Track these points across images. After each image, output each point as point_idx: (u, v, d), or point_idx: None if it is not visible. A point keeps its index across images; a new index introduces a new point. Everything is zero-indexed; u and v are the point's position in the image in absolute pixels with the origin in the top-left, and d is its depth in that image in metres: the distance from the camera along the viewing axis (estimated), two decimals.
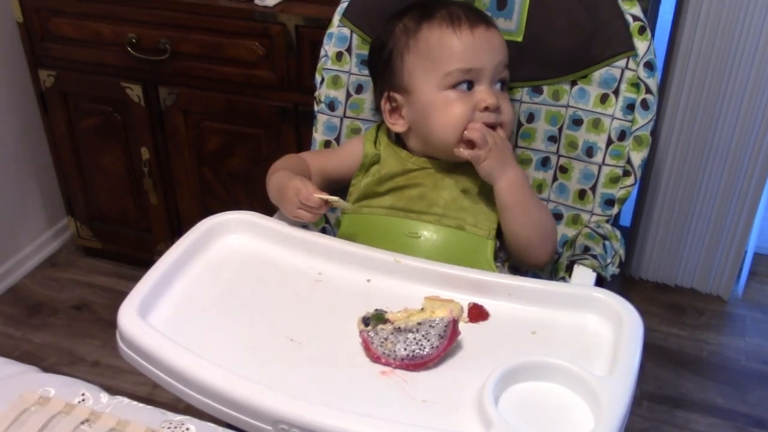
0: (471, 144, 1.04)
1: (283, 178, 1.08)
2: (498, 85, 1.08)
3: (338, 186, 1.19)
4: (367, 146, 1.16)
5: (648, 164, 1.95)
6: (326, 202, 1.03)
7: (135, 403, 0.76)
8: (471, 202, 1.10)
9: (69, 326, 1.98)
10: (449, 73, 1.06)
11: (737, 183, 1.89)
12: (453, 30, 1.06)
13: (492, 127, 1.06)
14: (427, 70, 1.07)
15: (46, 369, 1.63)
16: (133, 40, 1.75)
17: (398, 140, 1.16)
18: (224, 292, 0.97)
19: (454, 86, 1.06)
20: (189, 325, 0.91)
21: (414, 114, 1.10)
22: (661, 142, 1.91)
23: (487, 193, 1.09)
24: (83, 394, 0.77)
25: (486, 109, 1.05)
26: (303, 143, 1.74)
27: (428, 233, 1.09)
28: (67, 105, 1.93)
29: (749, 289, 2.09)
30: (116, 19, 1.76)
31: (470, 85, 1.06)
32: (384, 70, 1.12)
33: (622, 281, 2.12)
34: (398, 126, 1.12)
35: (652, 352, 1.87)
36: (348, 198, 1.15)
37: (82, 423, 0.74)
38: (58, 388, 0.78)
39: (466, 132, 1.04)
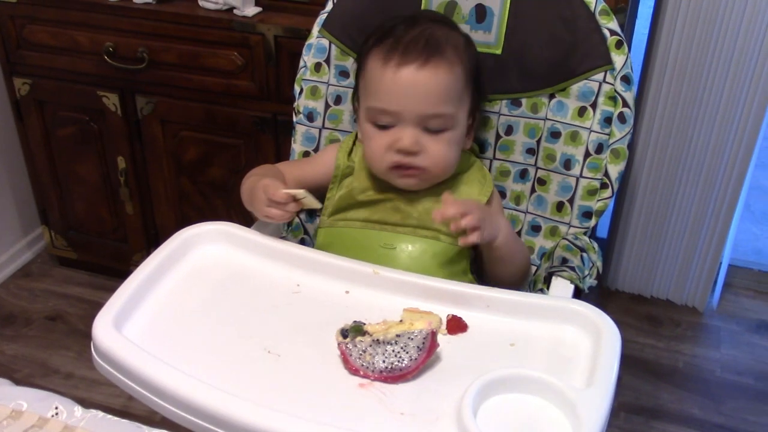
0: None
1: (254, 182, 1.07)
2: (429, 125, 1.04)
3: (316, 195, 1.18)
4: (340, 157, 1.16)
5: (625, 176, 1.96)
6: (294, 198, 1.01)
7: (109, 416, 0.75)
8: None
9: (43, 337, 1.95)
10: (370, 108, 1.06)
11: (712, 195, 1.91)
12: (383, 65, 1.04)
13: (407, 168, 1.05)
14: (363, 96, 1.09)
15: (20, 381, 1.61)
16: (110, 49, 1.74)
17: None
18: (201, 304, 0.96)
19: (374, 122, 1.06)
20: (165, 337, 0.90)
21: None
22: (637, 154, 1.93)
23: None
24: (57, 408, 0.76)
25: (400, 150, 1.04)
26: (282, 153, 1.73)
27: (404, 244, 1.09)
28: (42, 113, 1.91)
29: (724, 301, 2.11)
30: (93, 27, 1.74)
31: (390, 122, 1.05)
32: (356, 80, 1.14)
33: (598, 292, 2.13)
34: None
35: (628, 363, 1.88)
36: (324, 211, 1.15)
37: None
38: (30, 401, 0.76)
39: (462, 222, 0.97)
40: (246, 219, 1.17)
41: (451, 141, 1.06)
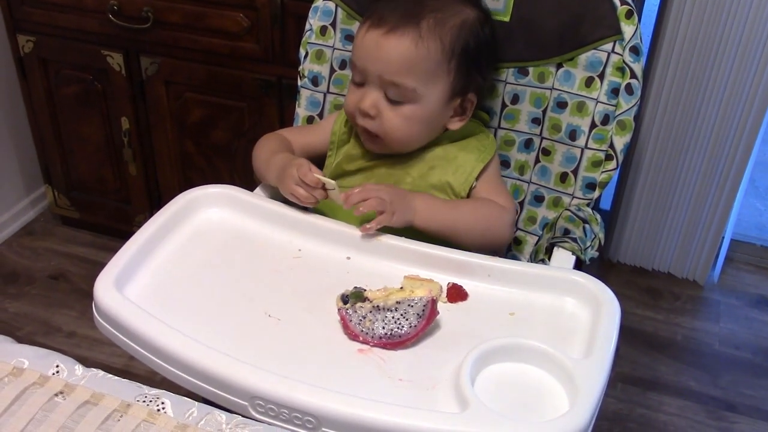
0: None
1: (287, 158, 1.07)
2: (389, 93, 1.03)
3: (320, 161, 1.18)
4: (337, 125, 1.16)
5: (630, 149, 1.95)
6: (323, 186, 1.00)
7: (110, 375, 0.76)
8: (439, 178, 1.09)
9: (45, 296, 1.96)
10: (351, 62, 1.07)
11: (717, 170, 1.90)
12: (363, 23, 1.05)
13: (369, 133, 1.05)
14: None
15: (22, 339, 1.62)
16: (115, 7, 1.72)
17: None
18: (202, 267, 0.97)
19: (352, 76, 1.07)
20: (166, 298, 0.91)
21: None
22: (644, 127, 1.92)
23: (455, 168, 1.09)
24: (57, 366, 0.76)
25: (360, 111, 1.05)
26: (286, 117, 1.72)
27: None
28: (46, 71, 1.90)
29: (725, 275, 2.11)
30: None
31: (361, 80, 1.05)
32: None
33: (600, 264, 2.13)
34: None
35: (627, 334, 1.89)
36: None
37: (56, 395, 0.73)
38: (32, 359, 0.77)
39: (360, 208, 0.98)
40: (249, 183, 1.16)
41: (411, 116, 1.04)
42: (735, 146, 1.85)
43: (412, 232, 1.03)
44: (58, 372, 0.76)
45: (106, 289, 0.87)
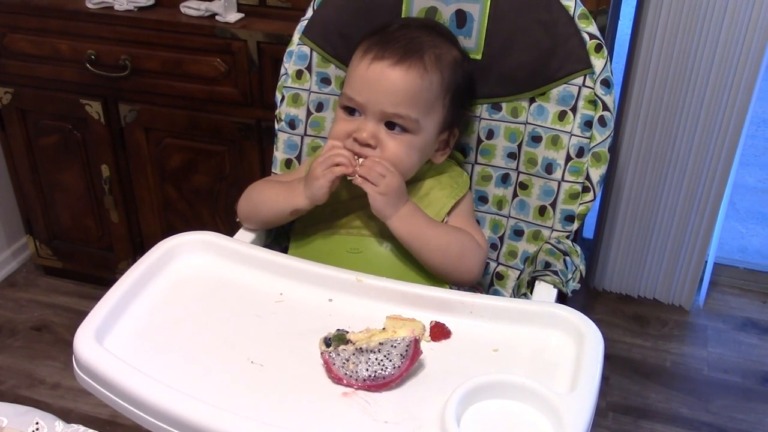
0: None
1: (278, 187, 1.13)
2: (389, 124, 1.05)
3: None
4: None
5: (610, 177, 1.97)
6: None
7: (91, 431, 0.75)
8: None
9: (28, 348, 1.94)
10: (343, 94, 1.09)
11: (697, 195, 1.92)
12: (362, 56, 1.06)
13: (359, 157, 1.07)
14: (344, 82, 1.11)
15: (5, 392, 1.60)
16: (92, 57, 1.73)
17: None
18: (184, 314, 0.96)
19: (345, 107, 1.08)
20: (148, 348, 0.90)
21: None
22: (622, 155, 1.94)
23: (427, 204, 1.10)
24: (37, 423, 0.75)
25: (356, 140, 1.06)
26: (266, 159, 1.73)
27: (370, 248, 1.09)
28: (25, 122, 1.90)
29: (710, 299, 2.12)
30: (74, 35, 1.73)
31: (357, 111, 1.07)
32: None
33: (585, 293, 2.14)
34: None
35: (616, 363, 1.89)
36: (296, 219, 1.15)
37: None
38: (11, 417, 0.76)
39: (358, 169, 1.04)
40: (231, 226, 1.16)
41: (411, 145, 1.06)
42: (713, 170, 1.87)
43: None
44: (38, 429, 0.75)
45: (85, 341, 0.86)
